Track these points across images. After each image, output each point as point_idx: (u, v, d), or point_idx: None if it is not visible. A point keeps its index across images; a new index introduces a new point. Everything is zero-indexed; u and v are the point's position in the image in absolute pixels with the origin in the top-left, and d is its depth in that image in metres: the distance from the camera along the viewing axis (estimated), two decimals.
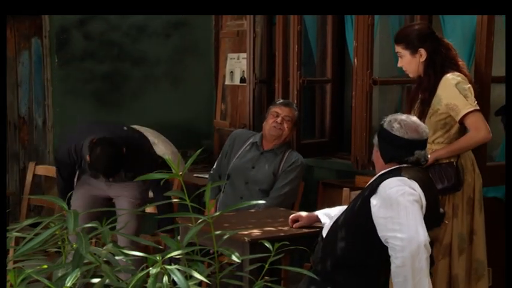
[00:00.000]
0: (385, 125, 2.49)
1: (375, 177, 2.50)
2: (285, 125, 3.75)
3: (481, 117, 2.89)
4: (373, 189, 2.42)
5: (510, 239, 2.48)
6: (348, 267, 2.43)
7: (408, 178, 2.38)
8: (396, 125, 2.45)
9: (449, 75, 2.90)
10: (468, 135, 2.92)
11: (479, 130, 2.87)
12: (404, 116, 2.50)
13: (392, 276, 2.33)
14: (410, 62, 2.99)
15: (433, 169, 2.90)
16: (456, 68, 2.94)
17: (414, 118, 2.53)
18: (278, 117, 3.75)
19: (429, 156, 2.93)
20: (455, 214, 2.89)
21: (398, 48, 3.02)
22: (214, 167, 3.97)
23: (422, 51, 2.95)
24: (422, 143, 2.47)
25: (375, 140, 2.54)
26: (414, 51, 2.96)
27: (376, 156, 2.54)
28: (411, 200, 2.33)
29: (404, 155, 2.45)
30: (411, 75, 3.06)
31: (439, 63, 2.93)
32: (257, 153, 3.78)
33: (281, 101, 3.93)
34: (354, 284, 2.41)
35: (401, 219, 2.30)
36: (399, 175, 2.40)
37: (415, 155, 2.45)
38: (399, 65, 3.08)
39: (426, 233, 2.31)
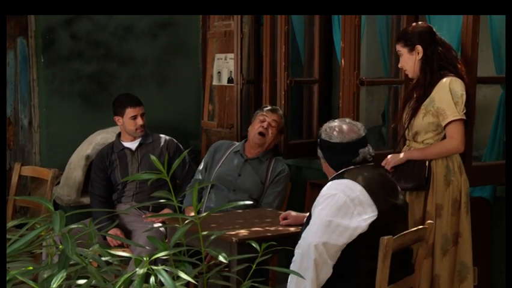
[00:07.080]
0: (323, 136, 2.56)
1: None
2: (270, 131, 3.73)
3: (461, 127, 2.87)
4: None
5: (510, 239, 2.48)
6: None
7: (350, 179, 2.42)
8: (333, 133, 2.53)
9: (446, 79, 2.89)
10: (442, 142, 2.93)
11: (453, 139, 2.87)
12: (336, 122, 2.58)
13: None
14: (408, 60, 2.99)
15: (406, 166, 2.94)
16: (453, 70, 2.92)
17: (347, 120, 2.60)
18: (264, 122, 3.73)
19: (402, 155, 2.96)
20: (438, 214, 2.90)
21: (398, 47, 3.03)
22: (199, 177, 3.82)
23: (419, 48, 2.95)
24: (362, 141, 2.52)
25: (319, 152, 2.61)
26: (411, 48, 2.97)
27: (325, 166, 2.61)
28: (330, 203, 2.37)
29: (350, 157, 2.50)
30: (409, 75, 3.06)
31: (436, 62, 2.92)
32: (241, 161, 3.73)
33: (268, 107, 3.88)
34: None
35: (312, 220, 2.39)
36: (342, 178, 2.44)
37: (360, 154, 2.50)
38: (399, 65, 3.09)
39: (324, 236, 2.31)
